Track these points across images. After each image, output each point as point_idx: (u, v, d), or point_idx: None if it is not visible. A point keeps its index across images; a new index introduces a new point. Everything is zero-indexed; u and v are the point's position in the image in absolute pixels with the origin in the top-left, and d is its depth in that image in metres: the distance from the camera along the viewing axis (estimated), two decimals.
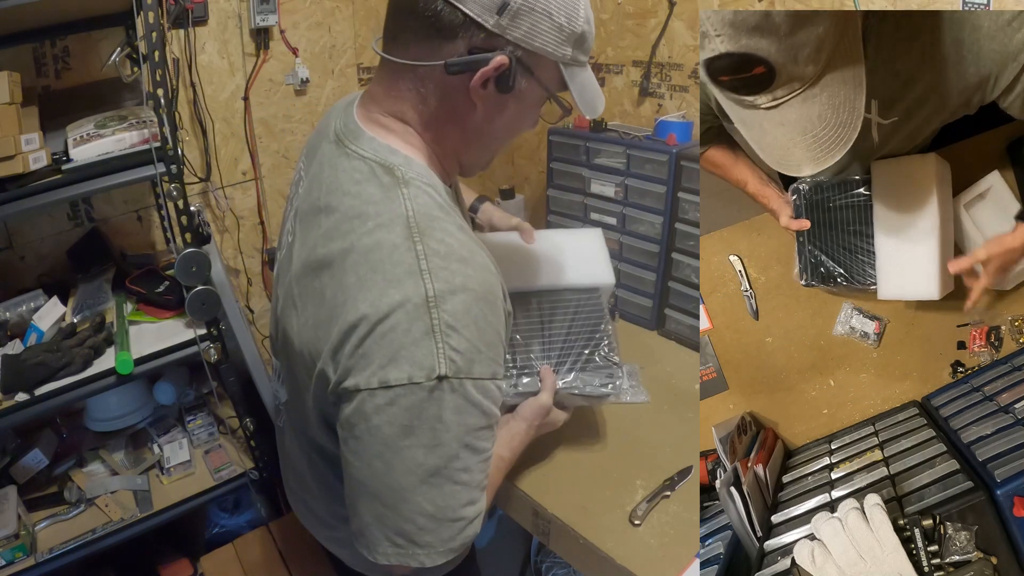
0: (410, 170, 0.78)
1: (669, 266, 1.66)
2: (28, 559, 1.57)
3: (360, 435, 0.74)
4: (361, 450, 0.74)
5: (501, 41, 0.73)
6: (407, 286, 0.71)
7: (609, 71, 1.88)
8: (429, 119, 0.81)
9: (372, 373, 0.71)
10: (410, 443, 0.72)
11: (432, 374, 0.70)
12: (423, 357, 0.70)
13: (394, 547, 0.76)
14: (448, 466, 0.74)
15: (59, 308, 1.60)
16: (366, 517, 0.77)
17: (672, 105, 1.75)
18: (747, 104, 0.77)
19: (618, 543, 1.08)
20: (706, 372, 1.35)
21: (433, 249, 0.73)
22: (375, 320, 0.70)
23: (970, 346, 1.25)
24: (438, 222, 0.75)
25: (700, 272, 1.44)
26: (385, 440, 0.72)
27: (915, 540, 0.75)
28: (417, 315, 0.70)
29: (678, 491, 1.18)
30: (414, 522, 0.75)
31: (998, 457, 0.88)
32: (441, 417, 0.72)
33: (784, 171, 0.83)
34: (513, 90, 0.76)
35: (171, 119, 1.51)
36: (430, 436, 0.72)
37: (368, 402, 0.71)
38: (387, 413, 0.71)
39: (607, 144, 1.70)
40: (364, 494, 0.77)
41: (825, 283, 1.24)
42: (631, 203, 1.70)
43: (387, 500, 0.75)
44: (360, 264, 0.73)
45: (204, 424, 1.94)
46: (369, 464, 0.74)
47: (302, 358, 0.82)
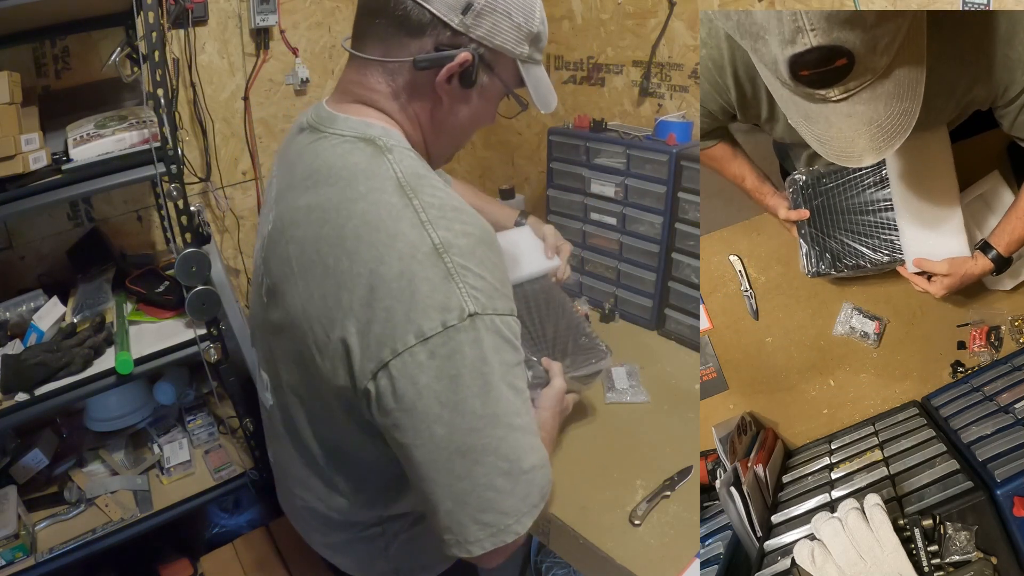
0: (390, 139, 0.80)
1: (669, 266, 1.66)
2: (28, 559, 1.57)
3: (411, 405, 0.71)
4: (417, 424, 0.72)
5: (465, 39, 0.78)
6: (412, 237, 0.71)
7: (609, 71, 1.88)
8: (400, 110, 0.84)
9: (404, 330, 0.70)
10: (463, 395, 0.71)
11: (464, 313, 0.70)
12: (449, 300, 0.70)
13: (484, 528, 0.74)
14: (504, 411, 0.73)
15: (59, 308, 1.60)
16: (446, 504, 0.74)
17: (672, 105, 1.75)
18: (818, 98, 0.78)
19: (618, 543, 1.08)
20: (706, 372, 1.35)
21: (428, 203, 0.74)
22: (389, 276, 0.71)
23: (970, 346, 1.25)
24: (426, 179, 0.77)
25: (700, 272, 1.44)
26: (439, 398, 0.71)
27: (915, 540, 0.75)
28: (430, 263, 0.71)
29: (678, 491, 1.18)
30: (494, 487, 0.73)
31: (998, 457, 0.88)
32: (485, 357, 0.71)
33: (844, 163, 0.84)
34: (475, 85, 0.81)
35: (171, 119, 1.51)
36: (479, 381, 0.71)
37: (410, 363, 0.70)
38: (431, 369, 0.70)
39: (607, 144, 1.70)
40: (436, 477, 0.74)
41: (833, 270, 1.23)
42: (631, 203, 1.70)
43: (460, 470, 0.72)
44: (360, 227, 0.74)
45: (204, 424, 1.94)
46: (431, 436, 0.72)
47: (312, 335, 0.78)
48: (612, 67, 1.87)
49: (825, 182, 1.23)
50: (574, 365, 1.20)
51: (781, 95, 0.83)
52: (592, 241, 1.84)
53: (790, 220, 1.25)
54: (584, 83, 1.96)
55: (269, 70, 2.04)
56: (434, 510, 0.76)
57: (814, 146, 0.84)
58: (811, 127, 0.83)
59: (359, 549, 1.03)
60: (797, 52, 0.73)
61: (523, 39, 0.82)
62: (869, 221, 1.21)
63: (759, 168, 1.30)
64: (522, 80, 0.85)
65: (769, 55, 0.76)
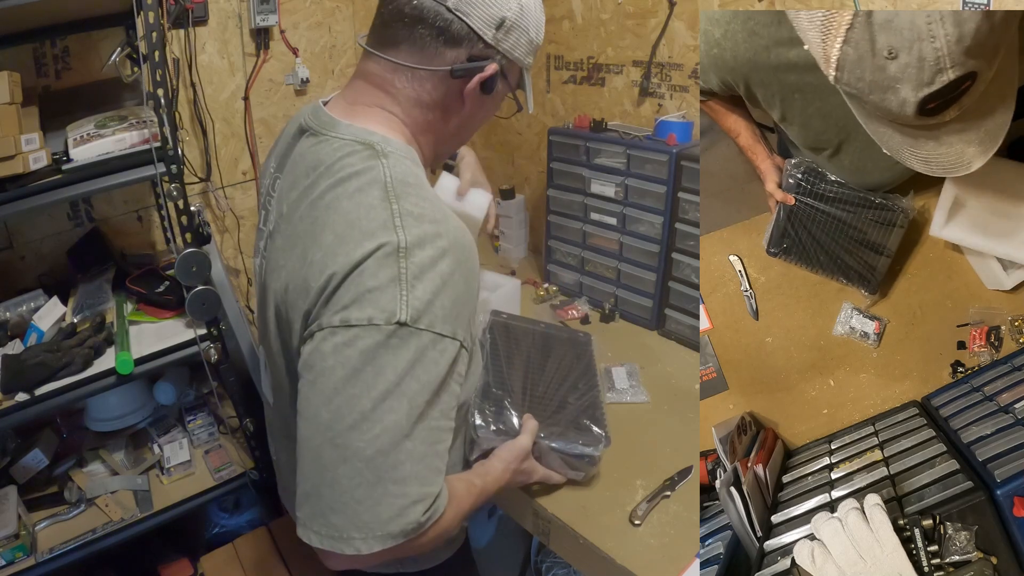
0: (388, 145, 0.82)
1: (669, 266, 1.66)
2: (28, 559, 1.57)
3: (313, 379, 0.74)
4: (311, 398, 0.74)
5: (494, 51, 0.85)
6: (380, 237, 0.73)
7: (609, 71, 1.88)
8: (418, 113, 0.88)
9: (335, 312, 0.73)
10: (357, 390, 0.71)
11: (392, 318, 0.71)
12: (386, 302, 0.71)
13: (328, 527, 0.73)
14: (394, 427, 0.72)
15: (59, 308, 1.60)
16: (305, 485, 0.75)
17: (672, 105, 1.75)
18: (931, 124, 0.77)
19: (618, 543, 1.08)
20: (706, 372, 1.35)
21: (407, 210, 0.76)
22: (348, 269, 0.73)
23: (970, 346, 1.25)
24: (414, 188, 0.79)
25: (700, 272, 1.44)
26: (335, 384, 0.72)
27: (915, 540, 0.75)
28: (386, 263, 0.72)
29: (678, 491, 1.18)
30: (353, 494, 0.72)
31: (998, 457, 0.88)
32: (395, 366, 0.71)
33: (952, 174, 0.83)
34: (492, 92, 0.88)
35: (171, 119, 1.51)
36: (380, 386, 0.71)
37: (328, 340, 0.72)
38: (342, 354, 0.71)
39: (607, 144, 1.70)
40: (306, 455, 0.75)
41: (792, 259, 1.27)
42: (631, 203, 1.70)
43: (327, 461, 0.72)
44: (338, 223, 0.76)
45: (204, 424, 1.94)
46: (315, 416, 0.74)
47: (286, 324, 0.82)
48: (612, 67, 1.87)
49: (826, 187, 1.22)
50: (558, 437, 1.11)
51: (882, 133, 0.82)
52: (592, 241, 1.84)
53: (775, 197, 1.24)
54: (584, 83, 1.96)
55: (269, 70, 2.04)
56: (299, 483, 0.76)
57: (916, 166, 0.83)
58: (916, 151, 0.82)
59: None
60: (934, 90, 0.72)
61: (531, 52, 0.91)
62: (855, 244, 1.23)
63: (756, 126, 1.28)
64: (523, 85, 0.94)
65: (896, 101, 0.75)
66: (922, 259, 1.29)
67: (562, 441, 1.12)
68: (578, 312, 1.81)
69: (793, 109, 1.08)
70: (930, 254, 1.29)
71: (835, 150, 1.15)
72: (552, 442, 1.11)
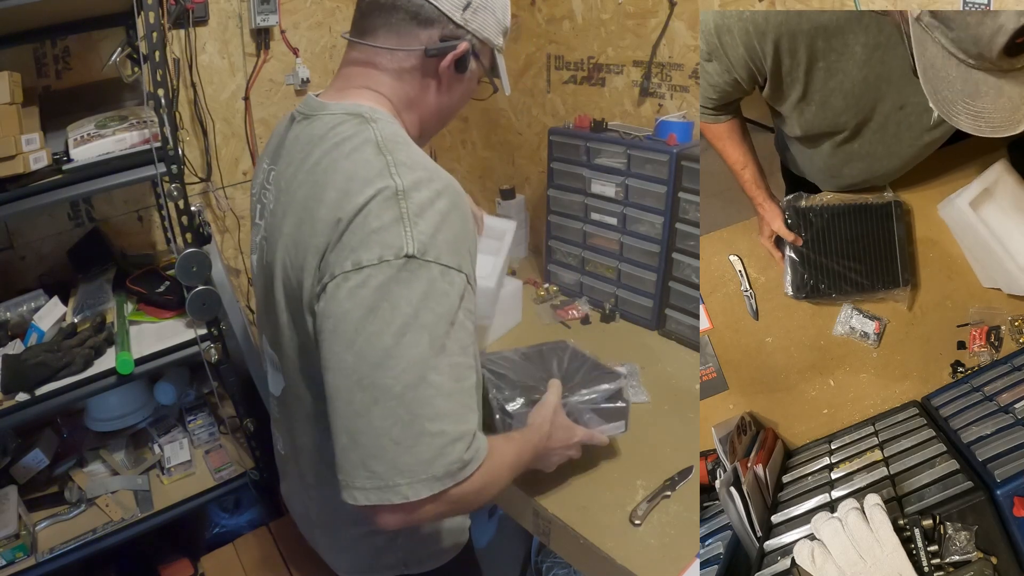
0: (376, 113, 0.87)
1: (669, 266, 1.66)
2: (28, 559, 1.57)
3: (333, 327, 0.75)
4: (334, 346, 0.75)
5: (463, 31, 0.91)
6: (378, 183, 0.77)
7: (610, 71, 1.88)
8: (400, 91, 0.92)
9: (345, 258, 0.75)
10: (377, 327, 0.72)
11: (400, 252, 0.73)
12: (392, 238, 0.74)
13: (372, 478, 0.73)
14: (418, 360, 0.73)
15: (60, 308, 1.60)
16: (342, 439, 0.75)
17: (673, 105, 1.75)
18: (1004, 68, 0.79)
19: (618, 543, 1.08)
20: (706, 372, 1.35)
21: (400, 160, 0.80)
22: (352, 214, 0.76)
23: (970, 346, 1.26)
24: (404, 144, 0.84)
25: (700, 272, 1.44)
26: (355, 325, 0.73)
27: (915, 540, 0.75)
28: (387, 204, 0.76)
29: (678, 491, 1.18)
30: (389, 433, 0.72)
31: (998, 457, 0.88)
32: (409, 299, 0.73)
33: (1001, 134, 0.83)
34: (467, 71, 0.93)
35: (171, 119, 1.51)
36: (398, 320, 0.72)
37: (342, 286, 0.74)
38: (358, 296, 0.73)
39: (608, 144, 1.71)
40: (338, 407, 0.75)
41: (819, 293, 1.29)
42: (631, 203, 1.70)
43: (359, 404, 0.73)
44: (339, 180, 0.80)
45: (204, 424, 1.94)
46: (340, 362, 0.74)
47: (296, 290, 0.83)
48: (612, 67, 1.87)
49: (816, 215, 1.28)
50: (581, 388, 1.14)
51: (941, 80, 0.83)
52: (592, 241, 1.84)
53: (784, 237, 1.28)
54: (584, 83, 1.96)
55: (270, 70, 2.04)
56: (335, 444, 0.76)
57: (964, 123, 0.83)
58: (973, 103, 0.82)
59: (367, 544, 1.04)
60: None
61: (500, 32, 0.97)
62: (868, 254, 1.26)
63: (760, 167, 1.30)
64: (495, 66, 1.00)
65: (992, 27, 0.76)
66: (922, 259, 1.30)
67: (587, 390, 1.14)
68: (578, 312, 1.81)
69: (815, 83, 1.06)
70: (930, 254, 1.30)
71: (851, 134, 1.15)
72: (580, 397, 1.13)
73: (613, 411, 1.16)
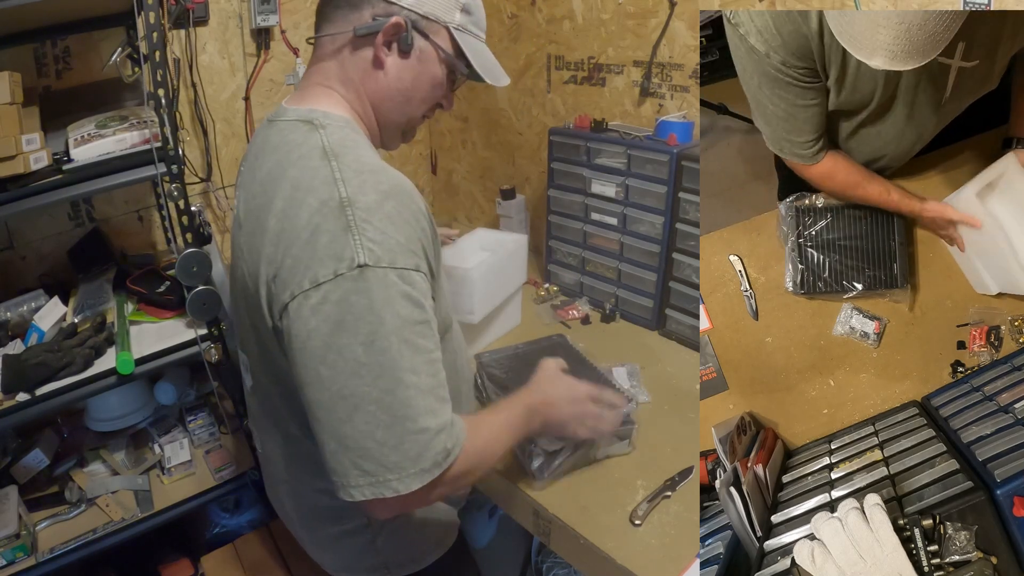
0: (326, 119, 0.88)
1: (669, 266, 1.66)
2: (29, 559, 1.57)
3: (302, 345, 0.76)
4: (307, 362, 0.76)
5: (396, 8, 0.88)
6: (323, 193, 0.78)
7: (610, 71, 1.88)
8: (348, 81, 0.92)
9: (302, 276, 0.76)
10: (347, 340, 0.74)
11: (353, 263, 0.74)
12: (344, 250, 0.75)
13: (364, 476, 0.76)
14: (391, 364, 0.75)
15: (60, 308, 1.60)
16: (331, 444, 0.77)
17: (673, 105, 1.75)
18: None
19: (619, 543, 1.08)
20: (706, 372, 1.35)
21: (347, 164, 0.81)
22: (299, 226, 0.77)
23: (970, 346, 1.26)
24: (352, 148, 0.84)
25: (700, 272, 1.44)
26: (324, 340, 0.75)
27: (915, 540, 0.75)
28: (333, 215, 0.76)
29: (679, 491, 1.18)
30: (373, 436, 0.75)
31: (998, 457, 0.88)
32: (371, 307, 0.74)
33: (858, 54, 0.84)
34: (412, 50, 0.90)
35: (172, 119, 1.51)
36: (365, 329, 0.74)
37: (304, 305, 0.75)
38: (321, 312, 0.75)
39: (608, 144, 1.71)
40: (322, 416, 0.77)
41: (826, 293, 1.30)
42: (632, 203, 1.70)
43: (341, 412, 0.75)
44: (288, 189, 0.81)
45: (205, 424, 1.94)
46: (318, 376, 0.76)
47: (255, 301, 0.85)
48: (613, 67, 1.87)
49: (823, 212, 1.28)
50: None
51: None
52: (593, 241, 1.84)
53: (964, 223, 1.19)
54: (585, 83, 1.96)
55: (270, 70, 2.04)
56: (322, 448, 0.79)
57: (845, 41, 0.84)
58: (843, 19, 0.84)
59: (346, 544, 1.05)
60: None
61: (453, 8, 0.92)
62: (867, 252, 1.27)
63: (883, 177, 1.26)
64: (460, 48, 0.93)
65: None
66: (922, 259, 1.30)
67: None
68: (578, 312, 1.81)
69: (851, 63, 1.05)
70: (929, 254, 1.30)
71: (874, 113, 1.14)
72: None
73: (623, 432, 1.23)
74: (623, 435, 1.24)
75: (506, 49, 2.15)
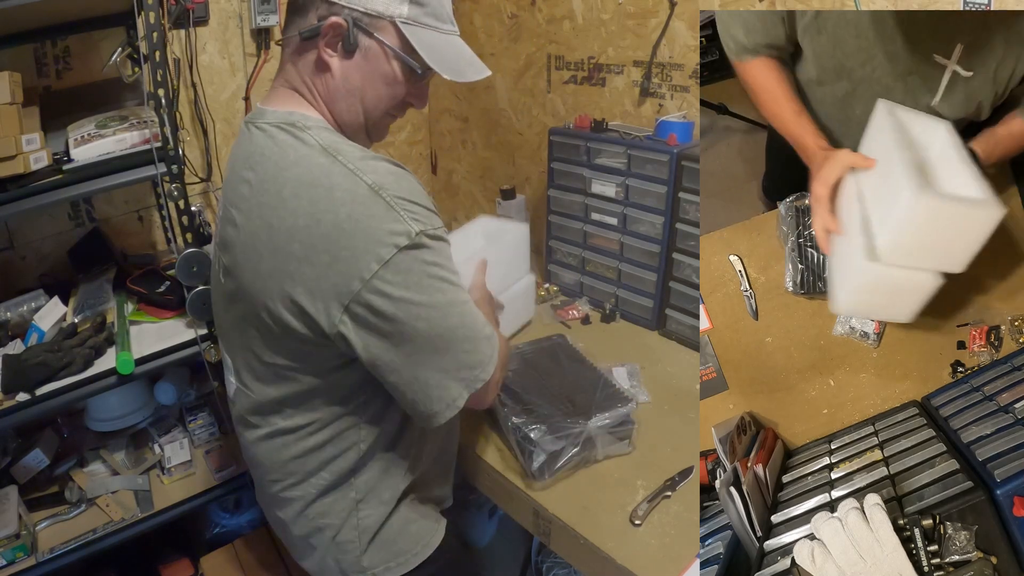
0: (308, 121, 0.90)
1: (670, 266, 1.66)
2: (29, 559, 1.57)
3: (393, 316, 0.83)
4: (403, 329, 0.85)
5: (339, 7, 0.87)
6: (347, 185, 0.82)
7: (610, 71, 1.88)
8: (303, 84, 0.93)
9: (366, 261, 0.81)
10: (429, 292, 0.84)
11: (412, 233, 0.82)
12: (395, 226, 0.81)
13: (462, 382, 0.91)
14: (457, 296, 0.88)
15: (60, 308, 1.60)
16: (435, 377, 0.89)
17: (673, 105, 1.75)
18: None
19: (619, 543, 1.08)
20: (706, 372, 1.35)
21: (351, 156, 0.85)
22: (339, 221, 0.81)
23: (970, 346, 1.25)
24: (343, 145, 0.88)
25: (700, 272, 1.44)
26: (413, 301, 0.83)
27: (915, 540, 0.75)
28: (371, 200, 0.81)
29: (679, 491, 1.18)
30: (464, 350, 0.90)
31: (998, 457, 0.88)
32: (436, 261, 0.85)
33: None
34: (358, 49, 0.89)
35: (172, 119, 1.51)
36: (437, 279, 0.85)
37: (380, 285, 0.82)
38: (399, 283, 0.82)
39: (608, 144, 1.71)
40: (426, 361, 0.88)
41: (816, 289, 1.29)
42: (632, 203, 1.70)
43: (441, 348, 0.88)
44: (298, 187, 0.84)
45: (205, 424, 1.94)
46: (415, 333, 0.85)
47: (263, 297, 0.88)
48: (613, 67, 1.87)
49: None
50: (603, 416, 1.22)
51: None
52: (593, 241, 1.84)
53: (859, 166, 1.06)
54: (585, 83, 1.96)
55: (270, 70, 2.04)
56: (425, 391, 0.90)
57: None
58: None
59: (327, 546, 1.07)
60: None
61: (401, 1, 0.89)
62: None
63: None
64: (409, 43, 0.89)
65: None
66: None
67: (601, 414, 1.22)
68: (578, 312, 1.81)
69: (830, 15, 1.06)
70: None
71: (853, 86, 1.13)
72: (597, 421, 1.20)
73: (623, 432, 1.25)
74: (623, 435, 1.25)
75: (506, 49, 2.15)
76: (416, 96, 0.98)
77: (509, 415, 1.23)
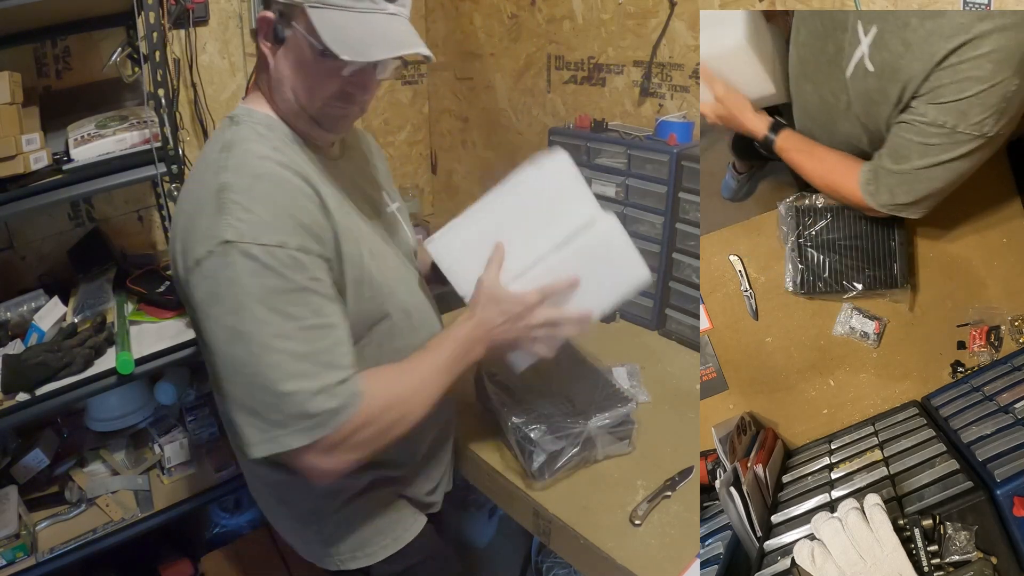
0: (247, 116, 0.94)
1: (670, 266, 1.66)
2: (29, 559, 1.57)
3: (193, 316, 0.87)
4: (200, 333, 0.88)
5: (276, 3, 0.89)
6: (208, 182, 0.85)
7: (610, 71, 1.88)
8: (261, 80, 0.97)
9: (190, 256, 0.84)
10: (221, 310, 0.82)
11: (219, 240, 0.81)
12: (215, 229, 0.82)
13: (259, 432, 0.83)
14: (260, 331, 0.81)
15: (60, 308, 1.60)
16: (227, 403, 0.85)
17: (673, 105, 1.75)
18: None
19: (619, 543, 1.08)
20: (706, 372, 1.35)
21: (235, 155, 0.87)
22: (189, 212, 0.86)
23: (970, 346, 1.26)
24: (247, 141, 0.90)
25: (700, 272, 1.45)
26: (205, 312, 0.84)
27: (915, 540, 0.75)
28: (211, 200, 0.84)
29: (679, 491, 1.18)
30: (254, 398, 0.82)
31: (998, 457, 0.88)
32: (236, 279, 0.81)
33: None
34: (283, 41, 0.90)
35: (172, 119, 1.51)
36: (232, 300, 0.81)
37: (191, 282, 0.84)
38: (202, 287, 0.83)
39: (608, 144, 1.71)
40: (223, 372, 0.85)
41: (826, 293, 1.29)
42: (632, 203, 1.70)
43: (228, 373, 0.84)
44: (189, 179, 0.92)
45: (205, 424, 1.94)
46: (205, 344, 0.86)
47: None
48: (613, 67, 1.87)
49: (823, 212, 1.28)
50: (603, 416, 1.20)
51: None
52: None
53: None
54: (585, 83, 1.96)
55: None
56: (229, 413, 0.86)
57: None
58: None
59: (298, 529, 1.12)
60: None
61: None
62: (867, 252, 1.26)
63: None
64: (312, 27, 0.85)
65: None
66: (921, 259, 1.29)
67: (601, 414, 1.20)
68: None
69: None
70: (929, 254, 1.29)
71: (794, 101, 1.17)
72: (597, 421, 1.19)
73: (623, 432, 1.25)
74: (623, 435, 1.25)
75: (506, 49, 2.15)
76: (356, 85, 0.92)
77: (509, 415, 1.22)
